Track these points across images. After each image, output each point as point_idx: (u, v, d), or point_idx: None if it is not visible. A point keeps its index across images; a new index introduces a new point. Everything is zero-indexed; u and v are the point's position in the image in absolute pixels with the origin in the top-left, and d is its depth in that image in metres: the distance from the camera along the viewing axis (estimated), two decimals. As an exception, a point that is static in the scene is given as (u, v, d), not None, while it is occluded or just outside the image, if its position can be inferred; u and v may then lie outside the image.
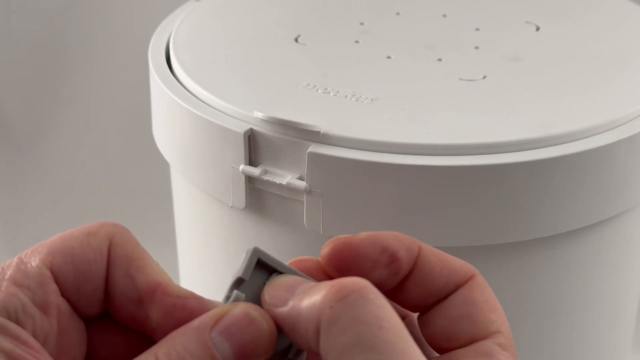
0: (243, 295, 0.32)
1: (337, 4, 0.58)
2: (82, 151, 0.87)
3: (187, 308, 0.33)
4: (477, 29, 0.55)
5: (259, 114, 0.45)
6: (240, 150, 0.45)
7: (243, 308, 0.31)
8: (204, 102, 0.48)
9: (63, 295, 0.32)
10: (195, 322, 0.31)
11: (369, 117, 0.45)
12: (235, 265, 0.33)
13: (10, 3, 0.88)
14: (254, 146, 0.45)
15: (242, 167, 0.46)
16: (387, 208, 0.43)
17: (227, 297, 0.32)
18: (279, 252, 0.43)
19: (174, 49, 0.52)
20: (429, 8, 0.58)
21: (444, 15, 0.57)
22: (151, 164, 0.76)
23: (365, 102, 0.46)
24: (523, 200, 0.44)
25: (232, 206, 0.47)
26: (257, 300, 0.32)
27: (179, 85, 0.50)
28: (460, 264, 0.33)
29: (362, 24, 0.56)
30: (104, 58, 0.89)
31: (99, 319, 0.34)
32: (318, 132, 0.43)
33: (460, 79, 0.49)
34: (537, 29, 0.55)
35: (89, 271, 0.33)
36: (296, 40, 0.53)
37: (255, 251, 0.32)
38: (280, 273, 0.32)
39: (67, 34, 0.89)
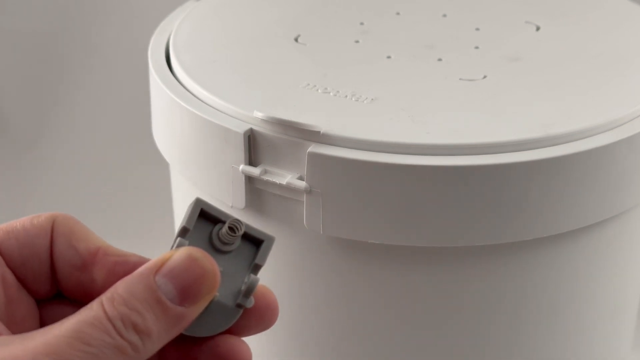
0: (186, 242, 0.33)
1: (337, 4, 0.58)
2: (82, 151, 0.87)
3: (129, 263, 0.34)
4: (477, 29, 0.55)
5: (259, 114, 0.45)
6: (240, 150, 0.45)
7: (185, 250, 0.32)
8: (204, 102, 0.48)
9: (9, 267, 0.34)
10: (140, 269, 0.32)
11: (369, 117, 0.45)
12: None
13: (10, 3, 0.88)
14: (254, 146, 0.45)
15: (242, 167, 0.46)
16: (387, 208, 0.43)
17: (172, 247, 0.33)
18: (279, 251, 0.43)
19: (173, 49, 0.52)
20: (429, 8, 0.58)
21: (444, 15, 0.57)
22: (151, 164, 0.76)
23: (365, 102, 0.46)
24: (523, 200, 0.44)
25: (232, 206, 0.47)
26: (203, 248, 0.33)
27: (178, 85, 0.50)
28: None
29: (362, 23, 0.56)
30: (104, 58, 0.89)
31: (53, 302, 0.35)
32: (318, 132, 0.43)
33: (460, 79, 0.49)
34: (537, 29, 0.55)
35: (32, 244, 0.34)
36: (296, 40, 0.53)
37: (198, 202, 0.33)
38: (224, 222, 0.34)
39: (67, 34, 0.89)
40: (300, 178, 0.44)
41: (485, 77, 0.49)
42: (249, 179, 0.46)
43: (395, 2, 0.58)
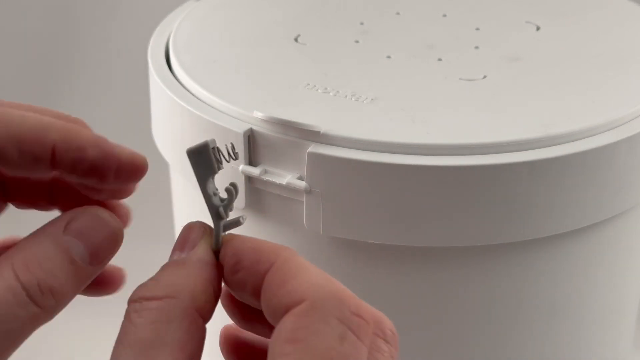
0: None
1: (337, 4, 0.58)
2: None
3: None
4: (477, 29, 0.55)
5: (259, 114, 0.44)
6: (240, 150, 0.45)
7: (92, 210, 0.32)
8: (204, 102, 0.48)
9: None
10: (48, 229, 0.32)
11: (369, 117, 0.45)
12: None
13: (10, 3, 0.88)
14: (253, 146, 0.45)
15: (242, 167, 0.46)
16: (387, 208, 0.43)
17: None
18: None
19: (173, 49, 0.52)
20: (429, 8, 0.58)
21: (444, 15, 0.57)
22: (151, 164, 0.75)
23: (365, 102, 0.46)
24: (523, 200, 0.44)
25: (232, 206, 0.47)
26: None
27: (178, 85, 0.50)
28: (268, 250, 0.33)
29: (362, 23, 0.56)
30: (104, 58, 0.89)
31: None
32: (318, 132, 0.43)
33: (460, 78, 0.49)
34: (537, 28, 0.55)
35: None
36: (296, 40, 0.53)
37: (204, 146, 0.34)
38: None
39: (67, 34, 0.89)
40: (300, 178, 0.44)
41: (485, 77, 0.49)
42: (249, 179, 0.46)
43: (395, 2, 0.58)
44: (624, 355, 0.56)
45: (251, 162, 0.46)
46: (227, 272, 0.33)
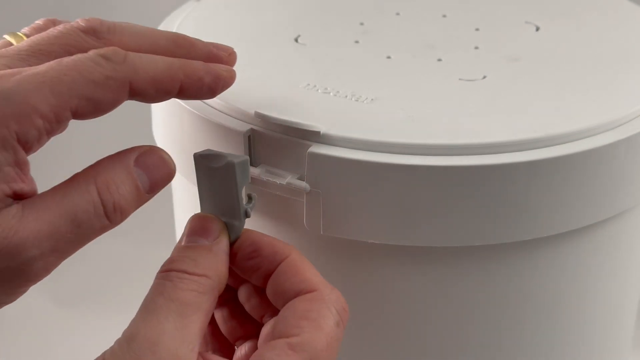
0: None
1: (337, 4, 0.58)
2: (82, 151, 0.87)
3: None
4: (477, 29, 0.55)
5: (260, 114, 0.45)
6: (240, 151, 0.45)
7: (158, 150, 0.40)
8: (204, 102, 0.48)
9: None
10: (122, 158, 0.39)
11: (369, 117, 0.45)
12: None
13: (10, 3, 0.88)
14: (254, 146, 0.45)
15: (242, 167, 0.45)
16: (387, 208, 0.43)
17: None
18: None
19: (174, 49, 0.52)
20: (429, 8, 0.58)
21: (444, 16, 0.57)
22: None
23: (365, 102, 0.46)
24: (523, 201, 0.44)
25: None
26: None
27: (179, 85, 0.49)
28: (282, 244, 0.42)
29: (362, 24, 0.56)
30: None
31: None
32: (318, 132, 0.43)
33: (460, 79, 0.49)
34: (537, 29, 0.55)
35: None
36: (296, 40, 0.54)
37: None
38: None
39: (67, 34, 0.88)
40: (301, 178, 0.44)
41: (485, 77, 0.49)
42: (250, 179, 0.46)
43: (395, 2, 0.58)
44: (624, 356, 0.56)
45: (251, 162, 0.46)
46: (241, 258, 0.41)
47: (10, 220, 0.35)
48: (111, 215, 0.38)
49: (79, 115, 0.38)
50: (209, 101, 0.47)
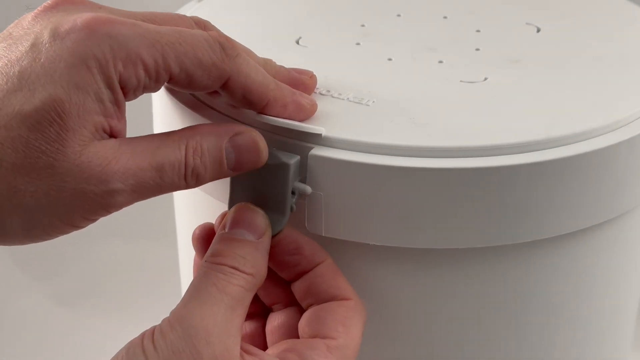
0: None
1: (338, 6, 0.58)
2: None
3: None
4: (478, 31, 0.55)
5: (261, 117, 0.45)
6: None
7: (255, 135, 0.42)
8: (205, 104, 0.48)
9: None
10: (219, 131, 0.41)
11: (370, 119, 0.45)
12: None
13: (10, 3, 0.88)
14: (255, 148, 0.45)
15: (243, 169, 0.45)
16: (388, 210, 0.43)
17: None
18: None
19: (175, 51, 0.52)
20: (430, 10, 0.58)
21: (445, 17, 0.57)
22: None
23: (366, 104, 0.47)
24: (524, 203, 0.44)
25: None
26: None
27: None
28: (320, 247, 0.44)
29: (363, 26, 0.56)
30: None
31: None
32: (319, 135, 0.44)
33: (461, 80, 0.49)
34: (538, 30, 0.55)
35: None
36: (297, 42, 0.54)
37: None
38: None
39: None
40: (302, 180, 0.44)
41: (486, 79, 0.49)
42: (251, 181, 0.46)
43: (396, 4, 0.58)
44: (624, 355, 0.56)
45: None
46: (281, 252, 0.44)
47: (108, 151, 0.38)
48: (187, 178, 0.40)
49: (174, 82, 0.40)
50: (210, 103, 0.47)
